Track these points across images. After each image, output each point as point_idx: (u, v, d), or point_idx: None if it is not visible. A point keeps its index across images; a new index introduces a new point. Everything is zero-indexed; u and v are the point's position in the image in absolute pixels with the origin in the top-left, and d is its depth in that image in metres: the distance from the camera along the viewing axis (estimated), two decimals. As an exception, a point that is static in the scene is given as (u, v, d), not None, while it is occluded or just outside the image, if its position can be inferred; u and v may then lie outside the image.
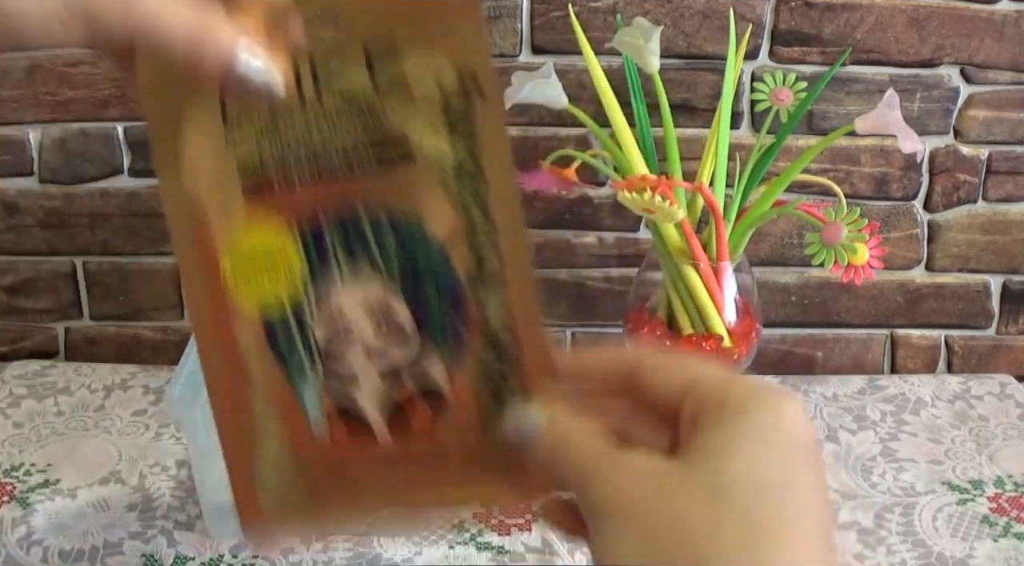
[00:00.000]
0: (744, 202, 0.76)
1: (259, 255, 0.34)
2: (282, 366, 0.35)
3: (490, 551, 0.66)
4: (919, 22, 0.82)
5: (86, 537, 0.67)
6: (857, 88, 0.84)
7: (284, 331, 0.35)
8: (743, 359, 0.76)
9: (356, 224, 0.34)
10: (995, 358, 0.94)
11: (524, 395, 0.34)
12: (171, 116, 0.33)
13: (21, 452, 0.77)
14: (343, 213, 0.34)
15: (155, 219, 0.88)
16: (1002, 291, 0.91)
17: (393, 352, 0.35)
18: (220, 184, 0.34)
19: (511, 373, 0.34)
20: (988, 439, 0.80)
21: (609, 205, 0.87)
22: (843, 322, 0.92)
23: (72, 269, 0.91)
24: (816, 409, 0.84)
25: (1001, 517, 0.70)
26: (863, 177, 0.87)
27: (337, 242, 0.34)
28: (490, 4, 0.81)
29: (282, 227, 0.34)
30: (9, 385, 0.87)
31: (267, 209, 0.34)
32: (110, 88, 0.84)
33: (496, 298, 0.34)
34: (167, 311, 0.92)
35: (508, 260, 0.33)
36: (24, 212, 0.88)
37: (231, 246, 0.34)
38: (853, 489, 0.73)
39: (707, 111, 0.84)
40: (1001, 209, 0.89)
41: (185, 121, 0.33)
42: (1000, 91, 0.85)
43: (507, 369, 0.34)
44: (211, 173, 0.34)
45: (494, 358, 0.34)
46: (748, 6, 0.81)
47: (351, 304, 0.34)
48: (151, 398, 0.85)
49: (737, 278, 0.75)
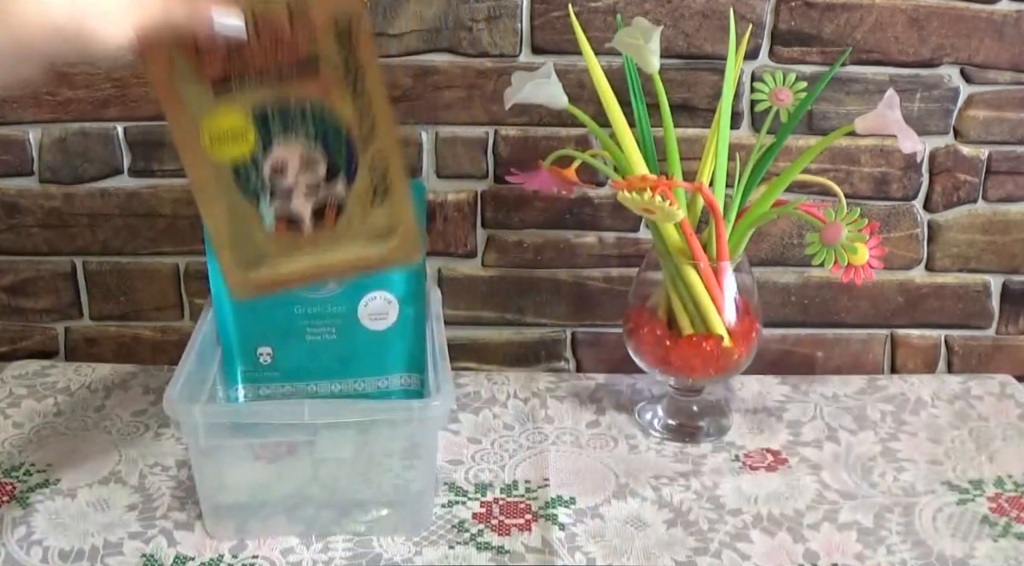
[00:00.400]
0: (744, 202, 0.76)
1: (228, 129, 0.58)
2: (245, 192, 0.59)
3: (490, 551, 0.66)
4: (919, 22, 0.82)
5: (86, 537, 0.67)
6: (857, 88, 0.84)
7: (245, 172, 0.59)
8: (743, 359, 0.77)
9: (288, 110, 0.57)
10: (995, 358, 0.94)
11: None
12: (177, 92, 0.56)
13: (21, 452, 0.77)
14: (281, 104, 0.57)
15: (155, 219, 0.88)
16: (1002, 291, 0.91)
17: (310, 176, 0.59)
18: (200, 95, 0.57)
19: (381, 185, 0.59)
20: (988, 439, 0.80)
21: (609, 205, 0.87)
22: (843, 322, 0.92)
23: (72, 269, 0.91)
24: (816, 409, 0.84)
25: (1001, 517, 0.70)
26: (863, 177, 0.87)
27: (277, 121, 0.58)
28: (490, 4, 0.81)
29: (243, 112, 0.57)
30: (9, 385, 0.87)
31: (233, 102, 0.57)
32: (110, 88, 0.84)
33: (372, 145, 0.58)
34: (167, 311, 0.92)
35: (378, 122, 0.57)
36: (24, 212, 0.88)
37: (210, 126, 0.57)
38: (853, 489, 0.73)
39: (707, 111, 0.84)
40: (1001, 209, 0.89)
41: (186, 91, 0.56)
42: (1000, 91, 0.85)
43: (379, 183, 0.59)
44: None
45: (372, 178, 0.59)
46: (748, 6, 0.81)
47: (285, 153, 0.59)
48: (151, 398, 0.85)
49: (737, 278, 0.75)
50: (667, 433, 0.80)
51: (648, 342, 0.77)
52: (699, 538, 0.68)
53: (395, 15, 0.82)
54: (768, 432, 0.81)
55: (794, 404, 0.85)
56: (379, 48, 0.83)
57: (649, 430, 0.81)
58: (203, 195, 0.59)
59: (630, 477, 0.74)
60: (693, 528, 0.69)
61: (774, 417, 0.83)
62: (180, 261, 0.90)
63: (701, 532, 0.68)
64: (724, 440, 0.80)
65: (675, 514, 0.70)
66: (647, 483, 0.74)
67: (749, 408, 0.84)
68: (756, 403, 0.85)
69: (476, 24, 0.82)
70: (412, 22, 0.82)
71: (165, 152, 0.86)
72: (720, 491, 0.73)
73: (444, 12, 0.82)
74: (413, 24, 0.82)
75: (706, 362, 0.75)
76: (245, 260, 0.61)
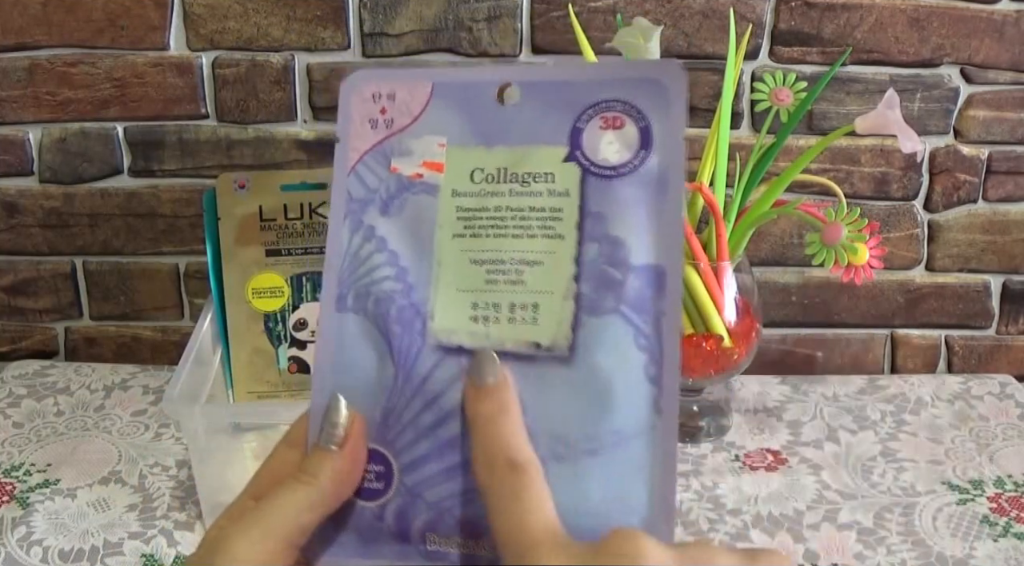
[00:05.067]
0: (744, 202, 0.76)
1: (268, 287, 0.77)
2: (268, 338, 0.77)
3: (490, 551, 0.66)
4: (919, 22, 0.82)
5: (86, 537, 0.67)
6: (857, 88, 0.84)
7: (273, 322, 0.77)
8: (743, 359, 0.77)
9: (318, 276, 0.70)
10: (995, 358, 0.94)
11: None
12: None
13: (21, 452, 0.77)
14: (310, 271, 0.77)
15: (155, 219, 0.88)
16: (1002, 291, 0.91)
17: None
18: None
19: None
20: (988, 439, 0.80)
21: (609, 205, 0.87)
22: (843, 322, 0.92)
23: (72, 269, 0.91)
24: (816, 409, 0.84)
25: (1001, 517, 0.70)
26: (863, 177, 0.87)
27: (308, 285, 0.77)
28: (490, 4, 0.81)
29: (281, 276, 0.77)
30: (9, 385, 0.87)
31: (273, 269, 0.77)
32: (110, 88, 0.84)
33: None
34: (167, 311, 0.92)
35: None
36: (24, 212, 0.88)
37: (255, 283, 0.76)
38: (853, 489, 0.73)
39: (707, 111, 0.84)
40: (1001, 209, 0.89)
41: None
42: (1000, 91, 0.85)
43: None
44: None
45: None
46: (748, 6, 0.81)
47: (308, 313, 0.77)
48: (151, 398, 0.85)
49: (737, 278, 0.75)
50: (667, 433, 0.80)
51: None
52: (699, 538, 0.68)
53: (395, 15, 0.82)
54: (768, 432, 0.81)
55: (794, 404, 0.85)
56: (379, 50, 0.83)
57: (649, 430, 0.81)
58: (235, 332, 0.77)
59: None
60: (693, 528, 0.69)
61: (774, 417, 0.83)
62: (180, 261, 0.90)
63: (701, 532, 0.68)
64: (724, 440, 0.80)
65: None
66: (647, 483, 0.74)
67: (749, 408, 0.84)
68: (756, 403, 0.85)
69: (476, 24, 0.82)
70: (412, 22, 0.82)
71: (165, 152, 0.86)
72: (720, 491, 0.73)
73: (444, 12, 0.82)
74: (413, 24, 0.82)
75: (706, 362, 0.75)
76: (256, 391, 0.77)
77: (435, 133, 0.41)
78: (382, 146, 0.41)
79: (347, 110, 0.42)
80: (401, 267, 0.40)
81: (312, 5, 0.82)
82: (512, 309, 0.39)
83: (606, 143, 0.39)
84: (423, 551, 0.38)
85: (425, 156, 0.41)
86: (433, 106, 0.41)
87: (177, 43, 0.83)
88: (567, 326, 0.38)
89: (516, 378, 0.38)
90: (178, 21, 0.82)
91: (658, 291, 0.38)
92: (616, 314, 0.38)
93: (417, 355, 0.39)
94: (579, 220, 0.39)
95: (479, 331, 0.38)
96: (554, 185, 0.39)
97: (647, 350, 0.37)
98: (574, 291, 0.38)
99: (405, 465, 0.38)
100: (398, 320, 0.39)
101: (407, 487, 0.38)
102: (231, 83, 0.84)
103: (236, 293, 0.76)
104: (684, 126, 0.39)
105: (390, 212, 0.41)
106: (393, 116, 0.41)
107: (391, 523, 0.38)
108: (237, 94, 0.84)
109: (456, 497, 0.38)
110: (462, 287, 0.39)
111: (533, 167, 0.40)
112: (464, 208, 0.40)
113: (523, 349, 0.38)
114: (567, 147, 0.39)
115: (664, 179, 0.38)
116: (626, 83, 0.39)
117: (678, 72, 0.39)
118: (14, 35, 0.83)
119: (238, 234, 0.76)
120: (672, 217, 0.38)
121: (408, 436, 0.38)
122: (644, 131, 0.39)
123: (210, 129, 0.86)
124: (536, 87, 0.40)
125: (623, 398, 0.37)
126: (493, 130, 0.40)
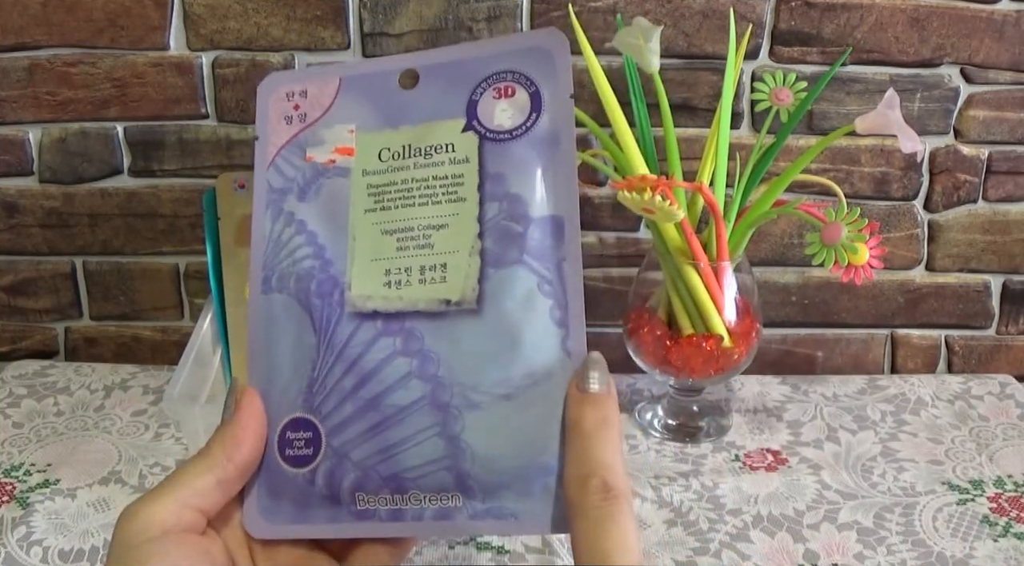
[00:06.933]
0: (744, 202, 0.76)
1: None
2: None
3: (490, 551, 0.66)
4: (919, 22, 0.82)
5: (86, 537, 0.67)
6: (857, 88, 0.84)
7: None
8: (743, 359, 0.77)
9: None
10: (995, 358, 0.94)
11: None
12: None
13: (21, 452, 0.77)
14: None
15: (155, 219, 0.89)
16: (1002, 291, 0.91)
17: None
18: None
19: None
20: (988, 439, 0.80)
21: (609, 205, 0.87)
22: (843, 322, 0.92)
23: (72, 269, 0.91)
24: (816, 409, 0.84)
25: (1001, 517, 0.70)
26: (863, 177, 0.87)
27: None
28: (490, 4, 0.81)
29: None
30: (9, 385, 0.87)
31: None
32: (110, 88, 0.84)
33: None
34: (167, 311, 0.92)
35: None
36: (24, 212, 0.88)
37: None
38: (853, 489, 0.73)
39: (707, 111, 0.84)
40: (1001, 209, 0.89)
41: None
42: (1000, 91, 0.85)
43: None
44: None
45: None
46: (748, 6, 0.81)
47: None
48: (151, 398, 0.85)
49: (737, 278, 0.75)
50: (667, 433, 0.80)
51: (648, 342, 0.77)
52: (699, 538, 0.68)
53: (395, 15, 0.82)
54: (768, 432, 0.81)
55: (794, 404, 0.85)
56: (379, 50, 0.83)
57: (649, 430, 0.81)
58: (235, 333, 0.73)
59: (630, 477, 0.74)
60: (693, 528, 0.69)
61: (774, 417, 0.83)
62: (180, 261, 0.90)
63: (701, 532, 0.68)
64: (724, 440, 0.80)
65: (675, 514, 0.70)
66: (647, 483, 0.74)
67: (749, 408, 0.84)
68: (756, 403, 0.85)
69: (476, 24, 0.82)
70: (412, 22, 0.82)
71: (165, 152, 0.86)
72: (720, 491, 0.73)
73: (444, 12, 0.82)
74: (413, 24, 0.82)
75: (706, 362, 0.75)
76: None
77: (344, 122, 0.44)
78: (297, 139, 0.45)
79: (264, 110, 0.46)
80: (319, 245, 0.43)
81: (312, 5, 0.82)
82: (423, 271, 0.41)
83: (500, 110, 0.42)
84: (354, 511, 0.40)
85: (337, 143, 0.44)
86: (341, 98, 0.45)
87: (177, 43, 0.83)
88: (474, 280, 0.40)
89: (428, 334, 0.40)
90: (178, 21, 0.82)
91: (557, 239, 0.41)
92: (520, 264, 0.40)
93: (336, 323, 0.41)
94: (479, 182, 0.42)
95: (392, 295, 0.41)
96: (455, 154, 0.42)
97: (552, 295, 0.41)
98: (479, 247, 0.41)
99: (331, 429, 0.41)
100: (318, 293, 0.42)
101: (334, 449, 0.40)
102: (231, 83, 0.84)
103: (236, 293, 0.76)
104: (571, 87, 0.42)
105: (307, 197, 0.44)
106: (306, 111, 0.45)
107: (322, 486, 0.40)
108: (237, 94, 0.84)
109: (380, 454, 0.40)
110: (375, 257, 0.42)
111: (434, 140, 0.43)
112: (374, 185, 0.43)
113: (435, 307, 0.41)
114: (464, 118, 0.43)
115: (555, 137, 0.42)
116: (515, 54, 0.43)
117: (560, 39, 0.42)
118: (14, 35, 0.83)
119: (238, 234, 0.76)
120: (565, 170, 0.41)
121: (332, 400, 0.41)
122: (534, 96, 0.42)
123: (210, 129, 0.86)
124: (434, 70, 0.44)
125: (532, 342, 0.40)
126: (397, 113, 0.44)
